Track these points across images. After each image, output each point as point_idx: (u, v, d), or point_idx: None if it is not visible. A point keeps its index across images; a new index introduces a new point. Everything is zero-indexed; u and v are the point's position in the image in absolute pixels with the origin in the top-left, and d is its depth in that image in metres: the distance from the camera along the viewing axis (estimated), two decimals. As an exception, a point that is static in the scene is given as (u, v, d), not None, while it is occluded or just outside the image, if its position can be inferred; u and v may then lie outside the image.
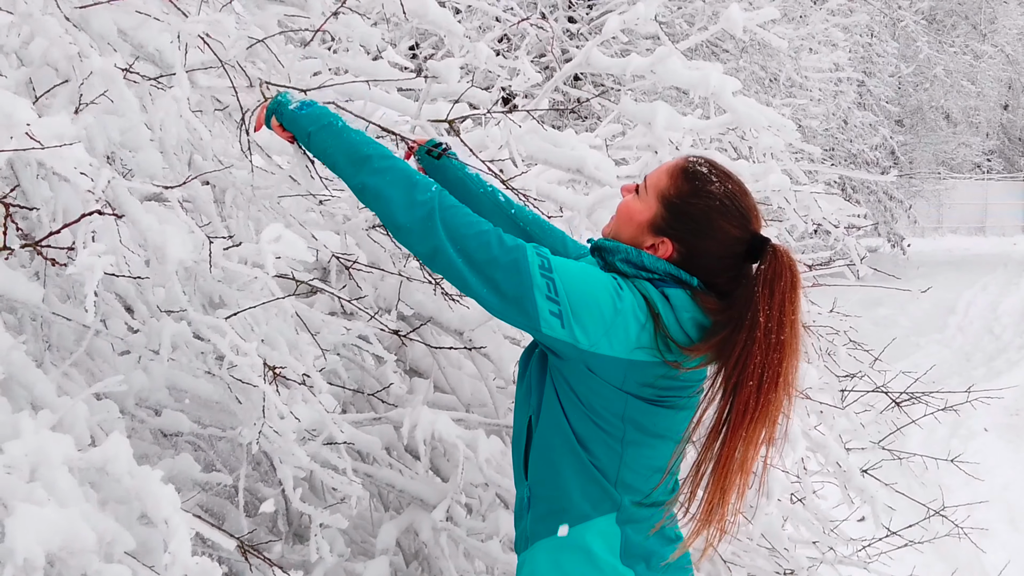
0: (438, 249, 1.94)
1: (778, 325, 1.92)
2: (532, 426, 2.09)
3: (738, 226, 2.01)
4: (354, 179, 2.03)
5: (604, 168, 2.98)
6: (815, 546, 3.60)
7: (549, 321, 1.90)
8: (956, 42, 24.04)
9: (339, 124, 2.10)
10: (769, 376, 1.93)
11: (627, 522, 2.03)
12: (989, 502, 5.82)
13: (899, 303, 15.84)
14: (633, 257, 2.03)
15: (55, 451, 1.69)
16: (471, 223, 1.96)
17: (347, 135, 2.07)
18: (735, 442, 1.96)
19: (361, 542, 3.25)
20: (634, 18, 3.02)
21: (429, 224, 1.94)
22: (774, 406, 1.95)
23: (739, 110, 3.02)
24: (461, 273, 1.94)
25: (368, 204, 2.04)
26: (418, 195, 1.96)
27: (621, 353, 1.92)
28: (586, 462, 2.01)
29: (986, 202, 31.97)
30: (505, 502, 3.14)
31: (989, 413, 8.42)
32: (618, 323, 1.91)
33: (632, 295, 1.95)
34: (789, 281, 1.95)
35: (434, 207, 1.95)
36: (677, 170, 2.06)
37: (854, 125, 19.51)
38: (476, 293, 1.94)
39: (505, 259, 1.91)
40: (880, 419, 3.99)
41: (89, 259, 1.67)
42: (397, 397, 3.12)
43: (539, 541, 2.07)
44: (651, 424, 2.01)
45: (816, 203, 3.37)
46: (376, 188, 1.99)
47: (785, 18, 14.03)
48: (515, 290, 1.90)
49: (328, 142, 2.07)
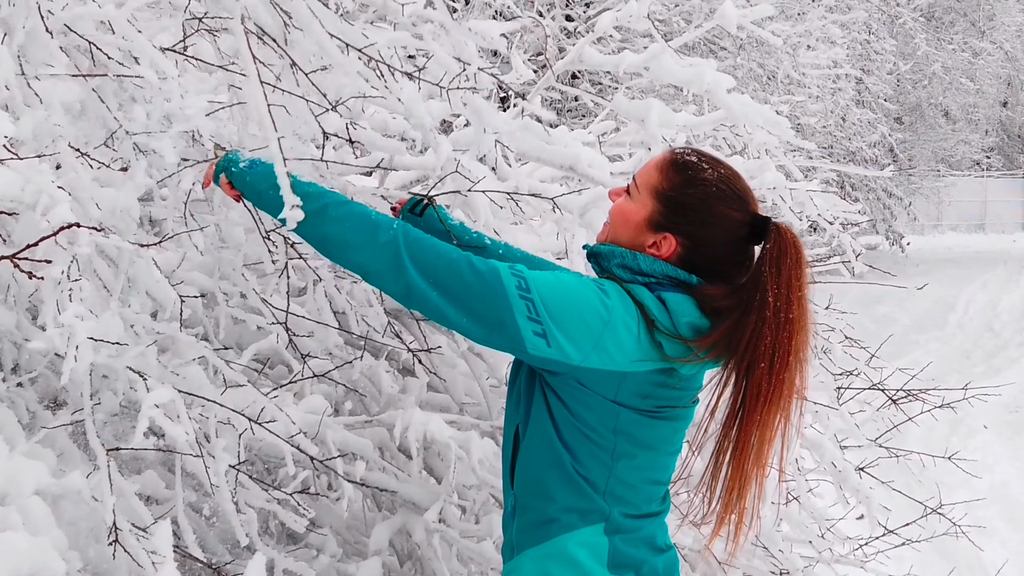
0: (410, 286, 1.88)
1: (786, 303, 1.90)
2: (520, 435, 2.05)
3: (738, 209, 1.98)
4: (314, 232, 1.95)
5: (598, 165, 2.96)
6: (811, 545, 3.58)
7: (534, 342, 1.86)
8: (955, 39, 24.03)
9: (290, 180, 1.96)
10: (780, 355, 1.91)
11: (616, 532, 2.00)
12: (988, 500, 5.82)
13: (899, 301, 15.84)
14: (629, 261, 1.99)
15: (27, 478, 1.67)
16: (439, 253, 1.89)
17: (299, 189, 1.95)
18: (752, 425, 1.94)
19: (354, 543, 3.23)
20: (627, 15, 3.01)
21: (397, 263, 1.88)
22: (788, 384, 1.93)
23: (733, 107, 3.00)
24: (438, 307, 1.88)
25: (332, 255, 1.96)
26: (380, 236, 1.90)
27: (613, 365, 1.89)
28: (574, 474, 1.97)
29: (985, 199, 31.98)
30: (499, 503, 3.12)
31: (988, 410, 8.41)
32: (607, 335, 1.87)
33: (622, 303, 1.90)
34: (795, 258, 1.93)
35: (399, 244, 1.89)
36: (666, 163, 2.03)
37: (852, 122, 19.49)
38: (456, 325, 1.90)
39: (479, 285, 1.86)
40: (878, 416, 3.97)
41: (71, 321, 1.64)
42: (390, 397, 3.10)
43: (526, 550, 2.04)
44: (643, 436, 1.98)
45: (812, 200, 3.35)
46: (337, 237, 1.92)
47: (782, 15, 14.03)
48: (495, 315, 1.85)
49: (279, 200, 1.92)
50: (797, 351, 1.93)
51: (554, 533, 1.99)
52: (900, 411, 3.88)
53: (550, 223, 3.10)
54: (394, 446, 3.10)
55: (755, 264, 1.96)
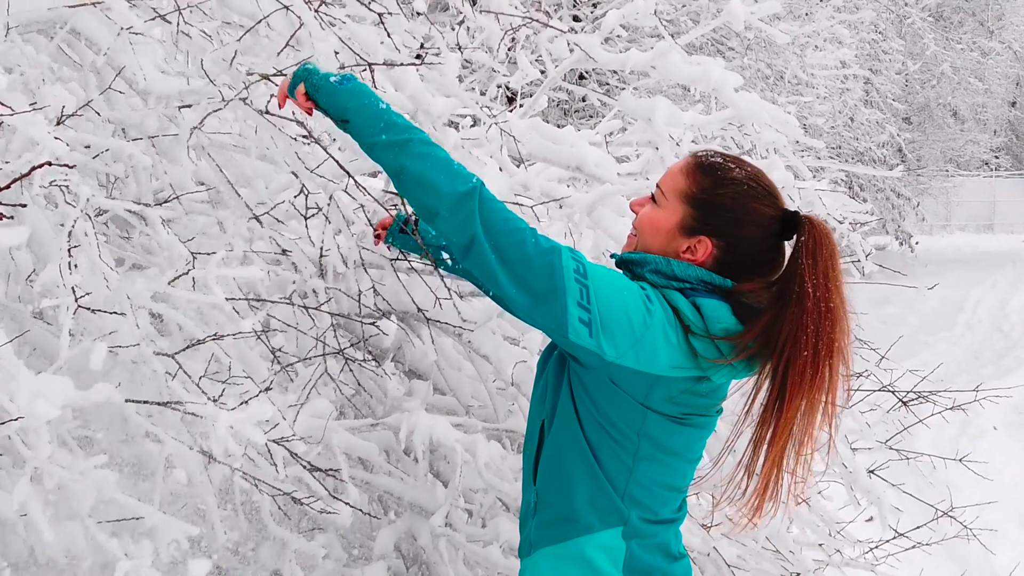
0: (475, 239, 1.87)
1: (826, 293, 1.89)
2: (544, 430, 2.05)
3: (769, 205, 1.98)
4: (393, 161, 1.94)
5: (604, 165, 2.93)
6: (821, 548, 3.54)
7: (577, 328, 1.84)
8: (963, 39, 23.94)
9: (381, 104, 2.00)
10: (824, 344, 1.89)
11: (633, 537, 1.99)
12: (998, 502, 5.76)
13: (907, 301, 15.78)
14: (663, 267, 1.98)
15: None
16: (508, 219, 1.90)
17: (387, 117, 1.98)
18: (792, 413, 1.92)
19: (360, 547, 3.21)
20: (634, 12, 2.98)
21: (468, 215, 1.87)
22: (832, 373, 1.92)
23: (741, 105, 2.98)
24: (493, 269, 1.87)
25: (405, 188, 1.96)
26: (460, 185, 1.89)
27: (647, 368, 1.88)
28: (597, 472, 1.96)
29: (994, 199, 31.86)
30: (506, 506, 3.10)
31: (998, 412, 8.36)
32: (647, 338, 1.86)
33: (662, 308, 1.90)
34: (829, 249, 1.92)
35: (476, 197, 1.88)
36: (692, 167, 2.02)
37: (860, 123, 19.42)
38: (505, 291, 1.88)
39: (539, 259, 1.85)
40: (887, 418, 3.93)
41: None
42: (395, 399, 3.07)
43: (542, 548, 2.03)
44: (667, 441, 1.97)
45: (820, 200, 3.32)
46: (417, 173, 1.92)
47: (790, 15, 13.98)
48: (546, 292, 1.84)
49: (367, 121, 1.98)
50: (840, 340, 1.92)
51: (572, 534, 1.99)
52: (911, 413, 3.84)
53: (558, 223, 3.08)
54: (400, 449, 3.08)
55: (790, 258, 1.95)
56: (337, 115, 2.04)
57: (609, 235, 2.92)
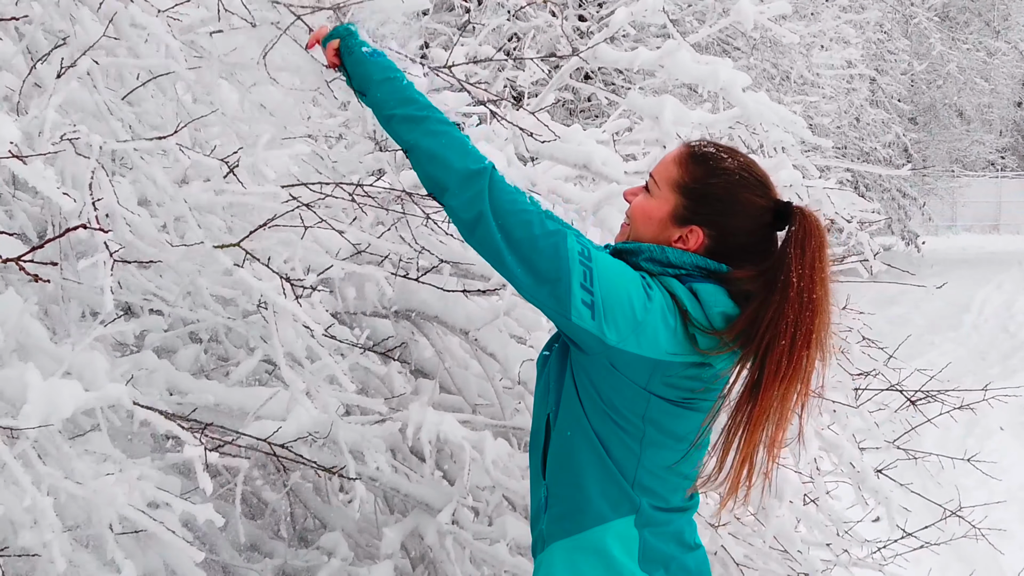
0: (482, 216, 1.92)
1: (810, 284, 1.91)
2: (550, 424, 2.05)
3: (761, 195, 2.00)
4: (408, 135, 2.02)
5: (611, 163, 2.93)
6: (829, 548, 3.54)
7: (580, 310, 1.87)
8: (969, 39, 23.89)
9: (404, 80, 2.09)
10: (802, 334, 1.91)
11: (646, 526, 1.99)
12: (1006, 502, 5.75)
13: (914, 301, 15.75)
14: (657, 254, 1.99)
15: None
16: (516, 200, 1.94)
17: (409, 92, 2.07)
18: (768, 401, 1.93)
19: (366, 546, 3.20)
20: (642, 9, 2.98)
21: (477, 192, 1.93)
22: (808, 363, 1.93)
23: (748, 105, 2.98)
24: (498, 247, 1.92)
25: (416, 161, 2.02)
26: (471, 163, 1.96)
27: (648, 352, 1.89)
28: (606, 461, 1.97)
29: (1000, 200, 31.80)
30: (513, 504, 3.09)
31: (1005, 412, 8.31)
32: (647, 323, 1.88)
33: (661, 294, 1.92)
34: (819, 240, 1.94)
35: (486, 177, 1.94)
36: (684, 157, 2.03)
37: (866, 123, 19.40)
38: (510, 271, 1.92)
39: (545, 240, 1.89)
40: (895, 418, 3.92)
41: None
42: (402, 398, 3.07)
43: (556, 542, 2.03)
44: (672, 426, 1.98)
45: (828, 198, 3.32)
46: (430, 149, 1.99)
47: (796, 15, 13.96)
48: (551, 273, 1.88)
49: (389, 94, 2.07)
50: (819, 332, 1.93)
51: (586, 525, 1.99)
52: (919, 412, 3.83)
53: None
54: (407, 447, 3.08)
55: (780, 246, 1.96)
56: (359, 83, 2.13)
57: (615, 234, 2.91)
